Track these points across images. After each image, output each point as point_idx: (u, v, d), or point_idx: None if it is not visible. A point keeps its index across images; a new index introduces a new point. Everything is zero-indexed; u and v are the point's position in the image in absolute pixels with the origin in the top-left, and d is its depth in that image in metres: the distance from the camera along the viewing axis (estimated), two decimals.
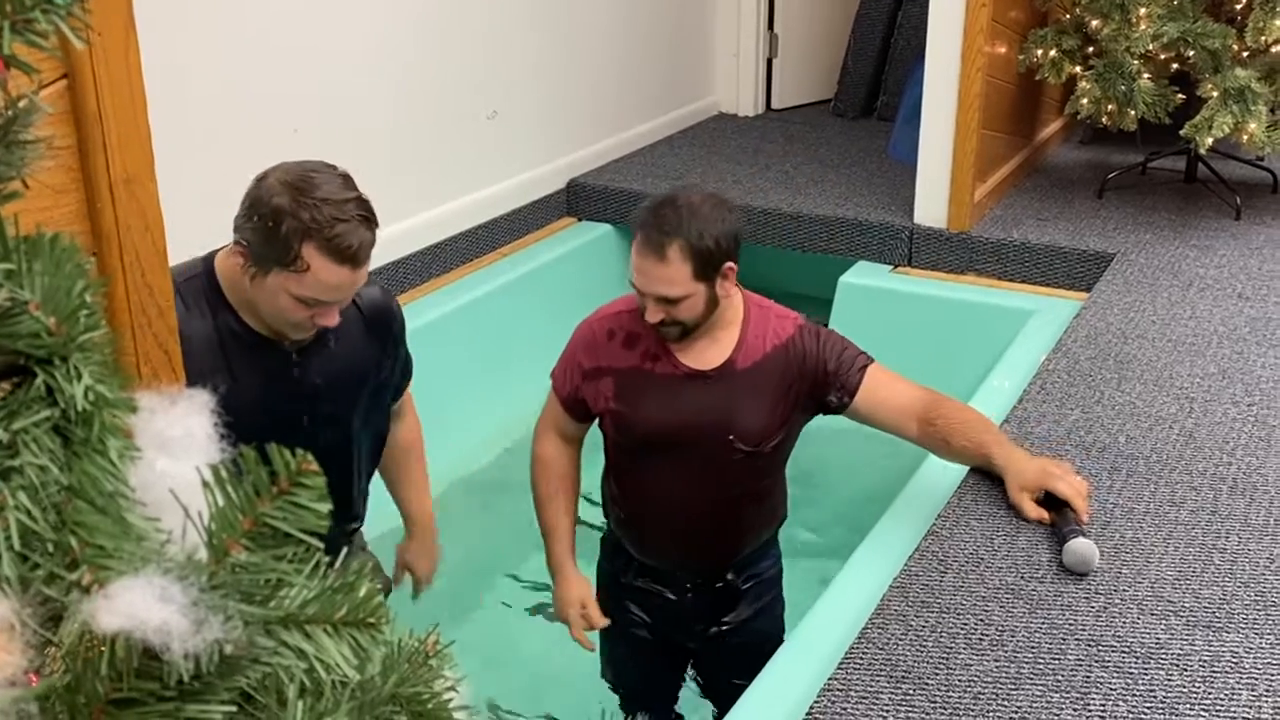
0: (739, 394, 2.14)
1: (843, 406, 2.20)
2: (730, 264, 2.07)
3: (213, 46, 2.86)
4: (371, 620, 0.61)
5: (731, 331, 2.16)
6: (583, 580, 2.31)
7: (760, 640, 2.35)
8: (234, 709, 0.57)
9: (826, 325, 3.69)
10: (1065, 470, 2.24)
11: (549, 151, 4.17)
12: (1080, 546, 2.07)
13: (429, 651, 0.70)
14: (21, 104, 0.57)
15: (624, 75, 4.55)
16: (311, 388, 1.93)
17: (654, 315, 2.07)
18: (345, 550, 2.16)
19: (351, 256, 1.75)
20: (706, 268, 2.03)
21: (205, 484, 0.54)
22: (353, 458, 2.07)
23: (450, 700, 0.71)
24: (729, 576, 2.32)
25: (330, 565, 0.61)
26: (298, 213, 1.71)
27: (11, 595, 0.52)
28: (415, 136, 3.53)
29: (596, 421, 2.26)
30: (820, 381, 2.17)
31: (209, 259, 1.90)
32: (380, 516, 2.38)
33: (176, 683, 0.54)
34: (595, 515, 2.53)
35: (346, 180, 1.80)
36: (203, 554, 0.55)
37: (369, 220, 1.78)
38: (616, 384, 2.18)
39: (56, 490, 0.54)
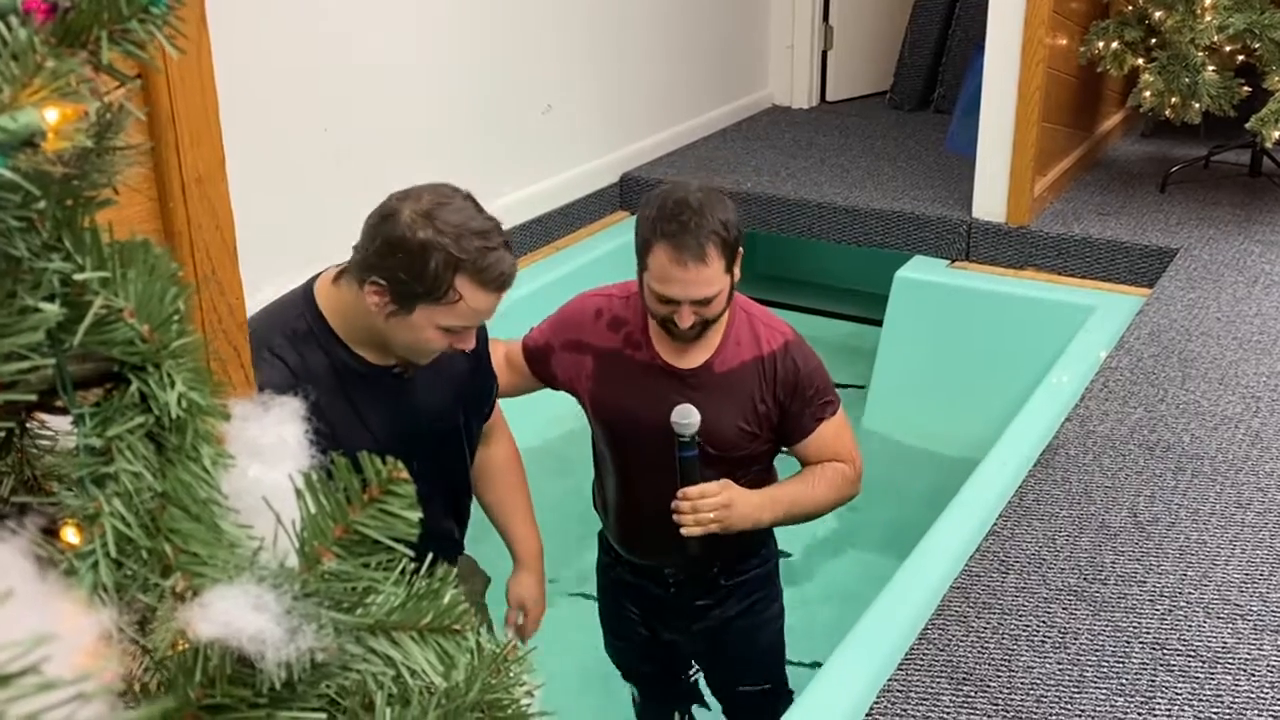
0: (712, 398, 2.10)
1: (788, 445, 2.17)
2: (741, 249, 2.05)
3: (265, 45, 2.88)
4: (457, 627, 0.61)
5: (715, 335, 2.12)
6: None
7: (752, 641, 2.33)
8: (323, 715, 0.57)
9: (882, 322, 3.72)
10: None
11: (603, 145, 4.17)
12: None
13: (509, 656, 0.70)
14: (116, 109, 0.58)
15: (678, 68, 4.54)
16: (423, 404, 1.91)
17: (687, 320, 2.01)
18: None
19: (504, 284, 1.76)
20: (730, 257, 2.02)
21: (297, 491, 0.55)
22: (468, 466, 2.06)
23: (529, 706, 0.71)
24: (712, 571, 2.28)
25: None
26: (446, 246, 1.69)
27: (108, 602, 0.52)
28: (470, 131, 3.54)
29: (585, 415, 2.23)
30: (783, 413, 2.13)
31: (307, 295, 1.85)
32: None
33: (268, 689, 0.54)
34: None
35: (476, 204, 1.78)
36: (294, 561, 0.55)
37: (509, 244, 1.78)
38: (597, 365, 2.16)
39: (150, 497, 0.55)
